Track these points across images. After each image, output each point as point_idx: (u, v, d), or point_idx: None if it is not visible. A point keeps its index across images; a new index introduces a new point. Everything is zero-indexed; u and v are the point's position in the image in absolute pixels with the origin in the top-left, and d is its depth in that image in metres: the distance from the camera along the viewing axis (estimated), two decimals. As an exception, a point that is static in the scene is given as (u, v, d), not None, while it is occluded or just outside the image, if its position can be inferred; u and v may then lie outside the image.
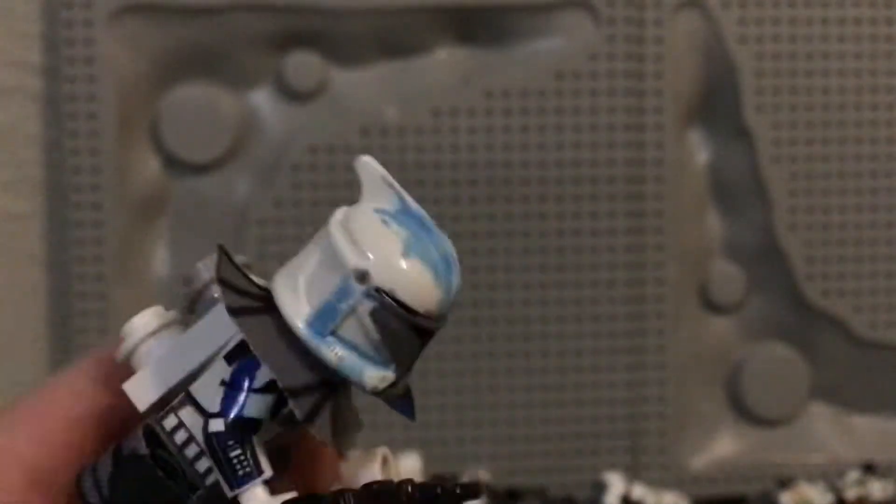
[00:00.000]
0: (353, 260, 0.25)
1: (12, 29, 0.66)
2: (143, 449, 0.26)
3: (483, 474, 0.66)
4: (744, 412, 0.72)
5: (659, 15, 0.67)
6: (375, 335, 0.25)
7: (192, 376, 0.26)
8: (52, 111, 0.66)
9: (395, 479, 0.26)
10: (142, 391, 0.26)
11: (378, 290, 0.24)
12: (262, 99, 0.67)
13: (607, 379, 0.69)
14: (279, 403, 0.25)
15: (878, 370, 0.71)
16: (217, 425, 0.25)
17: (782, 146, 0.69)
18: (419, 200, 0.27)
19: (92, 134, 0.64)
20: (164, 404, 0.26)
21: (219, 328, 0.26)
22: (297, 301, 0.25)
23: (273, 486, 0.25)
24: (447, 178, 0.67)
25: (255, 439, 0.25)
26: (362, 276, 0.24)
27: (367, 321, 0.24)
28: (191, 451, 0.26)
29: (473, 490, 0.26)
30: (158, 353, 0.26)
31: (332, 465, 0.27)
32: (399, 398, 0.26)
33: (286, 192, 0.65)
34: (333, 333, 0.25)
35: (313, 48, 0.67)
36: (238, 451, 0.25)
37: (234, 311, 0.25)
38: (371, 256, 0.25)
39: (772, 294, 0.71)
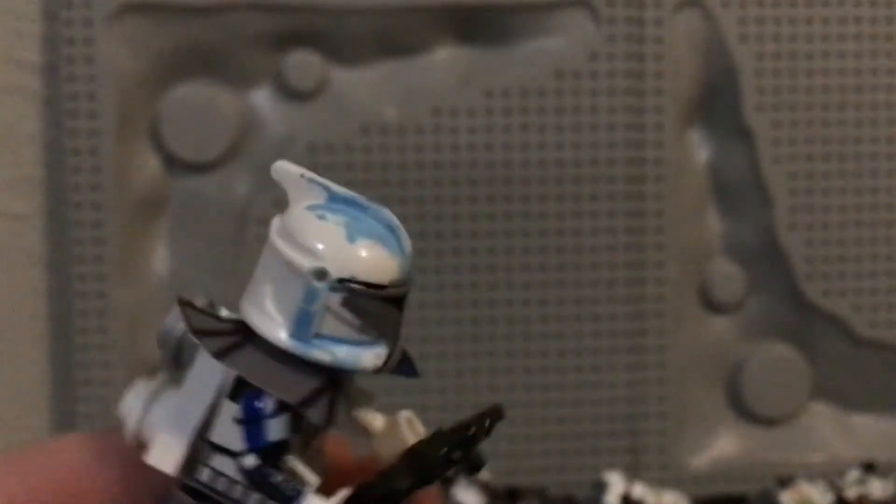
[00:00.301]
0: (307, 262, 0.25)
1: (12, 28, 0.66)
2: None
3: (483, 473, 0.66)
4: (744, 411, 0.72)
5: (659, 14, 0.67)
6: (355, 321, 0.25)
7: (206, 424, 0.26)
8: (52, 110, 0.66)
9: (420, 437, 0.27)
10: (165, 456, 0.26)
11: (340, 280, 0.25)
12: (262, 98, 0.67)
13: (607, 378, 0.69)
14: (297, 417, 0.26)
15: (878, 370, 0.71)
16: (250, 461, 0.25)
17: (782, 146, 0.69)
18: (419, 200, 0.28)
19: (92, 133, 0.64)
20: (189, 460, 0.26)
21: (210, 372, 0.26)
22: (271, 320, 0.25)
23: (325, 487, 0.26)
24: (447, 177, 0.67)
25: (289, 457, 0.26)
26: (321, 274, 0.25)
27: (343, 312, 0.25)
28: (236, 492, 0.26)
29: (496, 414, 0.28)
30: (165, 415, 0.27)
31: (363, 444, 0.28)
32: (399, 365, 0.27)
33: (286, 191, 0.65)
34: (318, 336, 0.25)
35: (313, 47, 0.67)
36: (280, 476, 0.25)
37: (218, 355, 0.25)
38: (321, 252, 0.25)
39: (772, 294, 0.71)
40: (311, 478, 0.26)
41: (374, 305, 0.25)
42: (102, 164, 0.65)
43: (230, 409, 0.26)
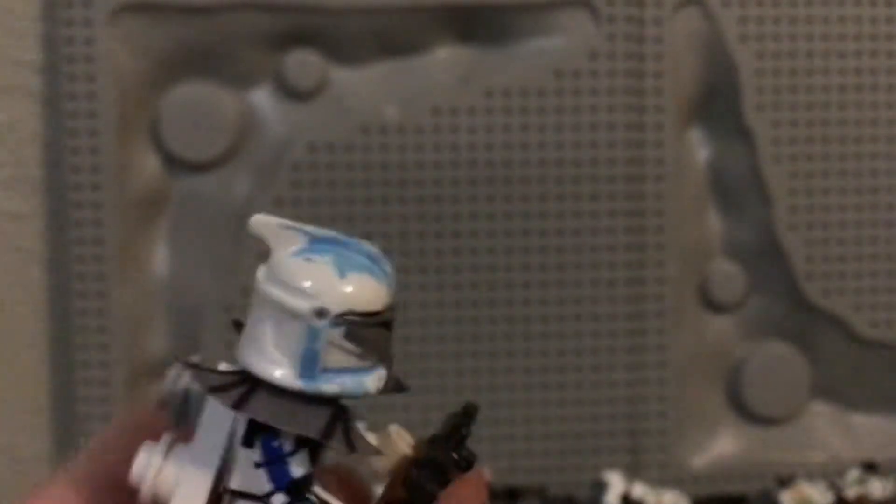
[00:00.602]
0: (305, 304, 0.26)
1: (12, 27, 0.66)
2: None
3: (483, 472, 0.66)
4: (744, 411, 0.72)
5: (659, 14, 0.67)
6: (356, 350, 0.27)
7: (220, 475, 0.27)
8: (52, 110, 0.66)
9: (412, 446, 0.29)
10: None
11: (339, 315, 0.26)
12: (262, 98, 0.67)
13: (607, 378, 0.69)
14: (314, 450, 0.27)
15: (878, 369, 0.71)
16: (279, 499, 0.27)
17: (782, 145, 0.68)
18: (419, 200, 0.28)
19: (92, 133, 0.64)
20: None
21: (217, 425, 0.28)
22: (277, 365, 0.27)
23: None
24: (447, 177, 0.67)
25: (314, 488, 0.27)
26: (321, 313, 0.26)
27: (344, 343, 0.27)
28: None
29: (474, 411, 0.30)
30: (180, 471, 0.28)
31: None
32: (393, 383, 0.28)
33: (286, 190, 0.65)
34: (324, 370, 0.27)
35: (313, 47, 0.67)
36: None
37: (236, 406, 0.27)
38: (317, 292, 0.27)
39: (772, 293, 0.71)
40: None
41: (371, 332, 0.27)
42: (102, 163, 0.65)
43: (247, 455, 0.27)
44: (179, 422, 0.28)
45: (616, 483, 0.65)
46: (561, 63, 0.67)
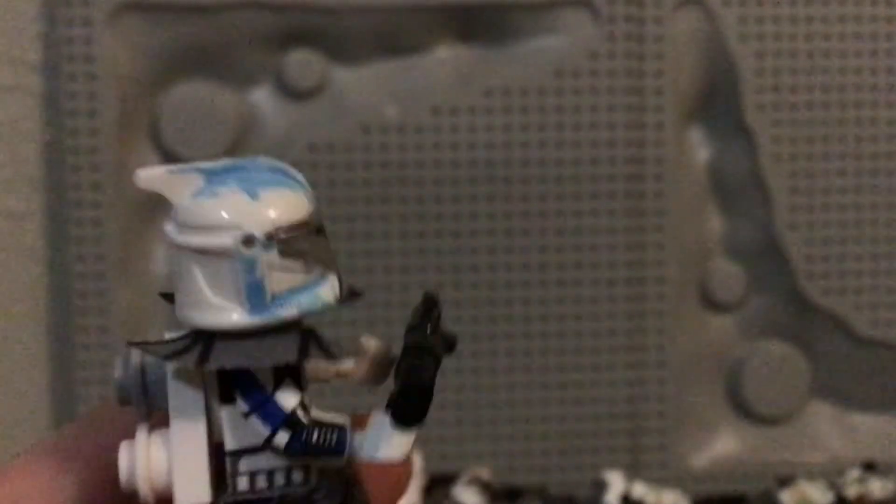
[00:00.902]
0: (228, 238, 0.25)
1: (12, 27, 0.66)
2: None
3: (483, 472, 0.66)
4: (744, 410, 0.72)
5: (659, 13, 0.67)
6: (298, 266, 0.25)
7: (211, 443, 0.26)
8: (52, 109, 0.66)
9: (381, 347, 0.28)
10: (193, 490, 0.26)
11: (266, 235, 0.25)
12: (262, 97, 0.67)
13: (607, 377, 0.69)
14: (297, 376, 0.26)
15: (878, 368, 0.71)
16: (282, 438, 0.25)
17: (783, 144, 0.68)
18: (419, 199, 0.28)
19: (91, 132, 0.64)
20: (216, 479, 0.26)
21: (188, 396, 0.26)
22: (225, 310, 0.25)
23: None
24: (447, 176, 0.67)
25: (310, 413, 0.26)
26: (248, 240, 0.25)
27: (284, 263, 0.25)
28: (279, 479, 0.26)
29: (434, 299, 0.29)
30: (170, 455, 0.26)
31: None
32: (349, 294, 0.27)
33: (286, 190, 0.65)
34: (273, 298, 0.25)
35: (314, 46, 0.67)
36: (315, 434, 0.25)
37: (200, 363, 0.25)
38: (236, 222, 0.25)
39: (772, 292, 0.71)
40: (341, 419, 0.26)
41: (306, 242, 0.25)
42: (102, 162, 0.65)
43: (231, 412, 0.26)
44: (146, 409, 0.27)
45: (616, 483, 0.65)
46: (561, 63, 0.67)
